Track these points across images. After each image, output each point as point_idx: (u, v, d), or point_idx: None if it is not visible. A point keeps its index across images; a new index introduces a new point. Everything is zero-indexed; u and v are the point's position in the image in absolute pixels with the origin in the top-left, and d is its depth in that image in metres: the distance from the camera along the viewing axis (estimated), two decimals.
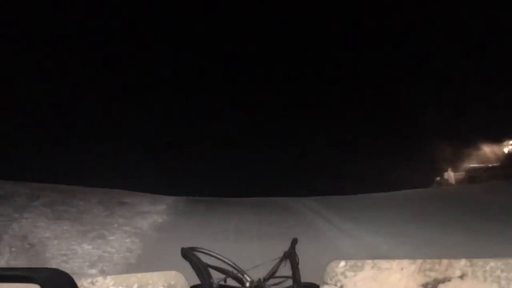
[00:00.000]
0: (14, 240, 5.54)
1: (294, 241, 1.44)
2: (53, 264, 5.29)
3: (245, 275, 1.31)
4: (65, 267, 5.29)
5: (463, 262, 1.16)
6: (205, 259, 1.36)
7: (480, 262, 1.13)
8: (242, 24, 17.68)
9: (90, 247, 5.77)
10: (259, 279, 1.30)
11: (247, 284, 1.28)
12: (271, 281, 1.33)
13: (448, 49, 16.42)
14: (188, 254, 1.33)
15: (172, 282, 1.31)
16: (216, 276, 1.29)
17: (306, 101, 18.65)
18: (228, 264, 1.32)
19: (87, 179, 8.92)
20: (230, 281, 1.32)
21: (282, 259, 1.39)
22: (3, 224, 6.06)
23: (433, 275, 1.18)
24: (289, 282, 1.32)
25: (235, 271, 1.31)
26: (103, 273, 5.27)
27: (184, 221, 7.38)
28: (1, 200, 7.00)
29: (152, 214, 7.54)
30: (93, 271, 5.17)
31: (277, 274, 1.36)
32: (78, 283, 1.33)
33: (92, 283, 1.31)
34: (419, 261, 1.22)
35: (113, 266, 5.43)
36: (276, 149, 16.05)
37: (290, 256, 1.37)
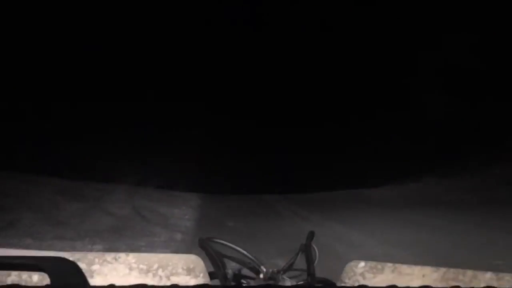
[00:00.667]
0: (138, 210, 8.97)
1: (311, 234, 1.42)
2: (169, 214, 8.88)
3: (261, 266, 1.31)
4: (174, 217, 8.85)
5: (489, 275, 1.10)
6: (222, 249, 1.39)
7: (507, 276, 1.07)
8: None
9: (177, 210, 9.58)
10: (274, 271, 1.31)
11: (262, 275, 1.29)
12: (287, 274, 1.33)
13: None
14: (205, 244, 1.36)
15: (191, 266, 1.35)
16: (232, 266, 1.31)
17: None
18: (244, 255, 1.33)
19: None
20: (246, 272, 1.33)
21: (298, 252, 1.38)
22: (120, 204, 9.40)
23: (455, 285, 1.13)
24: (305, 275, 1.31)
25: (251, 262, 1.33)
26: (184, 231, 7.90)
27: (206, 202, 11.59)
28: (99, 197, 10.05)
29: (188, 200, 11.34)
30: (186, 223, 8.73)
31: (294, 267, 1.36)
32: (102, 258, 1.41)
33: (115, 259, 1.37)
34: (442, 270, 1.17)
35: (192, 217, 9.19)
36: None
37: (306, 249, 1.35)
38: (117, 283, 1.00)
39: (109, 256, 1.37)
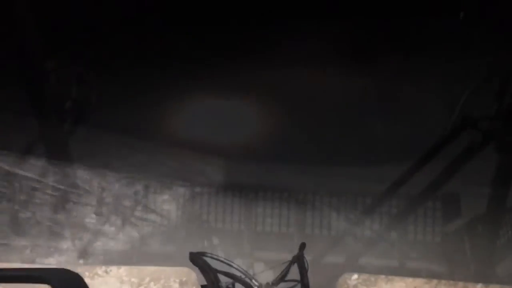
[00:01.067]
0: (182, 164, 9.81)
1: (303, 246, 1.43)
2: (203, 169, 9.10)
3: (253, 280, 1.32)
4: (208, 170, 8.76)
5: (479, 286, 1.12)
6: (214, 264, 1.39)
7: (496, 287, 1.09)
8: None
9: (209, 167, 10.35)
10: (267, 283, 1.31)
11: None
12: (280, 285, 1.34)
13: None
14: (196, 258, 1.36)
15: (184, 279, 1.36)
16: (225, 281, 1.32)
17: None
18: (236, 269, 1.34)
19: None
20: (238, 286, 1.33)
21: (290, 263, 1.39)
22: (169, 160, 10.66)
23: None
24: (298, 286, 1.33)
25: (243, 276, 1.33)
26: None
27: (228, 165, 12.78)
28: (151, 152, 11.73)
29: (216, 162, 13.18)
30: (218, 176, 8.12)
31: (286, 279, 1.37)
32: (93, 271, 1.40)
33: (106, 272, 1.37)
34: (434, 282, 1.18)
35: (220, 172, 8.51)
36: None
37: (299, 260, 1.37)
38: None
39: (100, 269, 1.37)
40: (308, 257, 1.41)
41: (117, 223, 4.00)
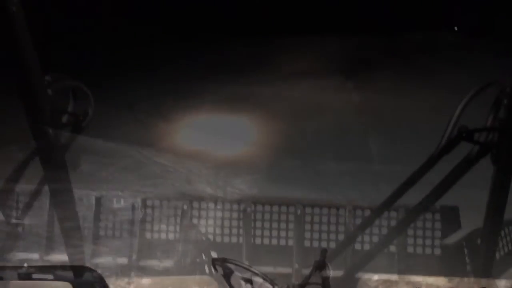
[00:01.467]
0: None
1: (324, 251, 1.46)
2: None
3: (275, 286, 1.35)
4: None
5: (503, 282, 1.16)
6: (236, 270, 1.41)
7: None
8: None
9: None
10: (289, 286, 1.34)
11: None
12: None
13: None
14: (219, 265, 1.38)
15: (205, 287, 1.37)
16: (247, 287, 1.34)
17: None
18: (258, 275, 1.36)
19: None
20: None
21: (313, 269, 1.42)
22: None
23: None
24: None
25: (265, 282, 1.36)
26: None
27: None
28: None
29: None
30: None
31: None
32: (115, 283, 1.41)
33: (129, 283, 1.38)
34: (455, 280, 1.22)
35: None
36: None
37: (320, 265, 1.39)
38: None
39: (122, 281, 1.39)
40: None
41: None
